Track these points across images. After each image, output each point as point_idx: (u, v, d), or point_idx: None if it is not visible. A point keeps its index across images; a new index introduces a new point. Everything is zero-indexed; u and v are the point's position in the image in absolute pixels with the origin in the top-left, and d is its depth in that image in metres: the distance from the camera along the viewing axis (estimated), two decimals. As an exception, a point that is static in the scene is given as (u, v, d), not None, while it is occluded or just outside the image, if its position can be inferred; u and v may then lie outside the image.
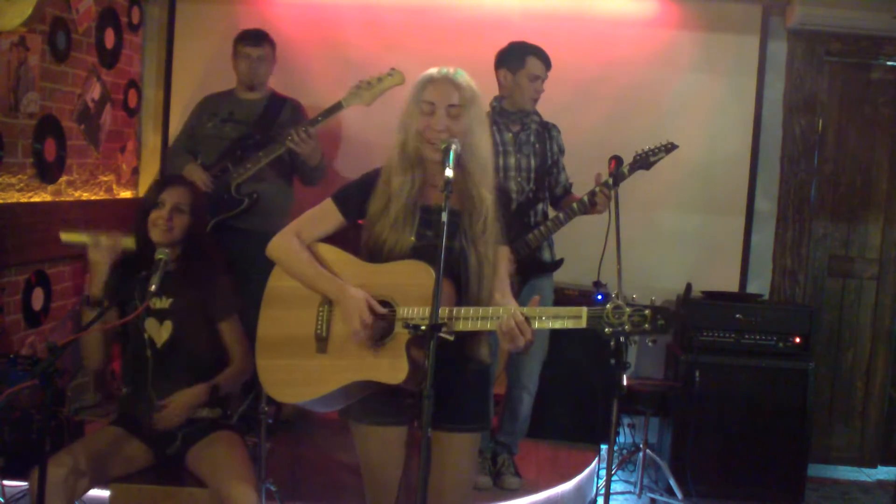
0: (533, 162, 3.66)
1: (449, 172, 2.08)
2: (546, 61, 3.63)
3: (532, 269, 3.65)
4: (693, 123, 4.74)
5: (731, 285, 4.76)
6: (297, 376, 2.27)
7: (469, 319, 2.10)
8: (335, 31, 4.81)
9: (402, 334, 2.13)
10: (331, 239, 2.38)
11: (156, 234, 2.85)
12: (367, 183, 2.31)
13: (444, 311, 2.06)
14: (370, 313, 2.15)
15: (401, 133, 2.27)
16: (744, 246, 4.81)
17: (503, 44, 3.66)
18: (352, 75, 3.88)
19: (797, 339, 4.34)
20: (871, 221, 4.85)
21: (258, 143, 3.87)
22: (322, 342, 2.25)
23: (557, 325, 2.07)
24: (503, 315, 2.07)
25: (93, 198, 4.45)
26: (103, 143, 4.55)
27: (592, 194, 3.50)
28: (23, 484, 3.08)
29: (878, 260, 4.86)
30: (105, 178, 4.60)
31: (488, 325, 2.10)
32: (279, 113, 3.99)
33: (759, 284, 4.82)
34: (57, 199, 4.11)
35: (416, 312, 2.13)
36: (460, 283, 2.21)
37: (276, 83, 4.36)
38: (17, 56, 3.72)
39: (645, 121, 4.70)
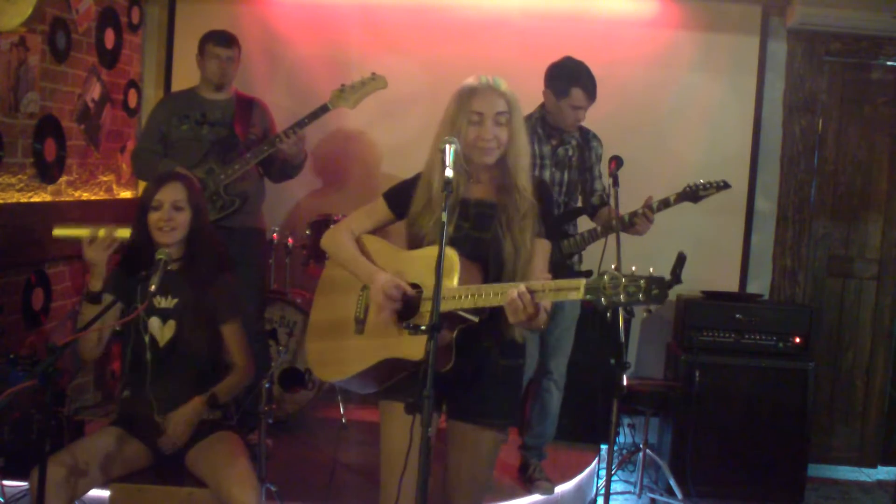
0: (567, 175, 3.64)
1: (449, 173, 2.12)
2: (591, 92, 3.53)
3: (561, 276, 3.59)
4: (693, 123, 4.75)
5: (731, 285, 4.76)
6: (337, 356, 2.45)
7: (478, 296, 2.17)
8: (335, 31, 4.81)
9: (426, 314, 2.21)
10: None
11: (160, 237, 2.82)
12: (414, 183, 2.45)
13: (460, 290, 2.17)
14: (395, 290, 2.28)
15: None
16: (744, 246, 4.81)
17: (503, 43, 3.60)
18: (352, 75, 3.87)
19: (797, 339, 4.35)
20: (871, 221, 4.85)
21: (239, 144, 3.88)
22: (360, 324, 2.42)
23: (560, 297, 2.12)
24: (509, 290, 2.13)
25: (93, 198, 4.45)
26: (103, 143, 4.55)
27: (634, 215, 3.43)
28: (23, 484, 3.08)
29: (878, 260, 4.85)
30: (105, 178, 4.60)
31: (498, 300, 2.13)
32: (251, 113, 4.00)
33: (759, 284, 4.82)
34: (57, 199, 4.11)
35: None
36: (488, 268, 2.32)
37: (276, 83, 4.35)
38: (17, 56, 3.72)
39: (645, 121, 4.71)
